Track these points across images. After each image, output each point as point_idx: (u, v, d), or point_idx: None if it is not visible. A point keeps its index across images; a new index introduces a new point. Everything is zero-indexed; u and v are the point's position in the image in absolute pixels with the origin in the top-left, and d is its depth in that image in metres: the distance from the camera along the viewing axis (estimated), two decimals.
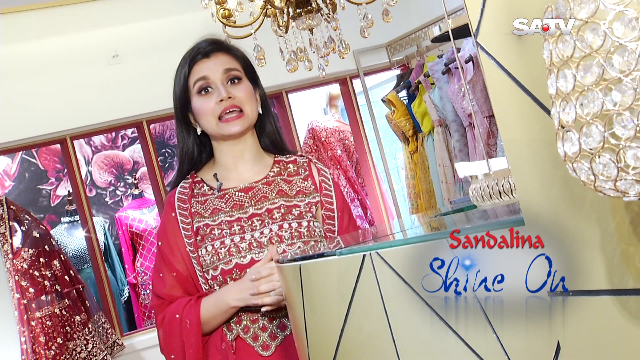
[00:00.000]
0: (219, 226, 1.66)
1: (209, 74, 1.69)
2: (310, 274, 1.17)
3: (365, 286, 1.05)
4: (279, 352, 1.62)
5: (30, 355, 3.40)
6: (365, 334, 1.07)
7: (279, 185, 1.72)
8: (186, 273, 1.66)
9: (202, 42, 1.74)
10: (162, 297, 1.68)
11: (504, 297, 0.94)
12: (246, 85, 1.72)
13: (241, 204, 1.69)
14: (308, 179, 1.75)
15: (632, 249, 0.68)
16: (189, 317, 1.61)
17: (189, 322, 1.61)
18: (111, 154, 5.49)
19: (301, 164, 1.78)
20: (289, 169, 1.76)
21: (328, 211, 1.72)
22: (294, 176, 1.75)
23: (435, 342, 0.98)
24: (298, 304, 1.21)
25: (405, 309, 1.00)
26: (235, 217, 1.67)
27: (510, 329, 0.93)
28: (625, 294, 0.69)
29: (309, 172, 1.76)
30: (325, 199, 1.73)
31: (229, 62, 1.72)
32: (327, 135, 4.71)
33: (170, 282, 1.67)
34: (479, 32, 0.82)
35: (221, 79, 1.69)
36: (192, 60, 1.71)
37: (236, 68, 1.72)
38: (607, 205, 0.69)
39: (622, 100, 0.56)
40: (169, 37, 3.90)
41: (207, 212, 1.69)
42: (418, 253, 1.01)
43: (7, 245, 3.49)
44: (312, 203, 1.71)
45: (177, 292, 1.67)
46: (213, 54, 1.72)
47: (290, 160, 1.78)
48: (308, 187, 1.74)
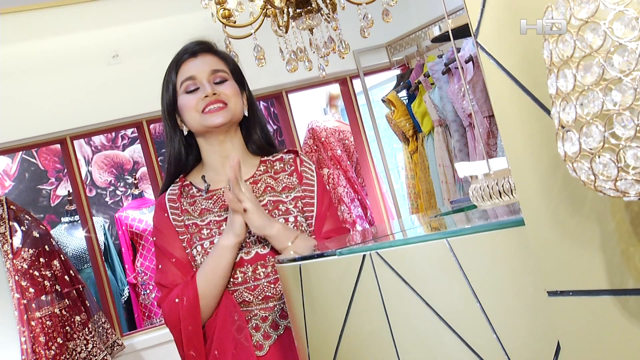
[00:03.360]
0: (207, 226, 1.67)
1: (196, 73, 1.70)
2: (310, 274, 1.17)
3: (365, 286, 1.05)
4: (273, 352, 1.62)
5: (30, 355, 3.40)
6: (365, 334, 1.07)
7: (265, 182, 1.73)
8: (185, 259, 1.66)
9: (189, 44, 1.75)
10: (166, 285, 1.67)
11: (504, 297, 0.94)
12: (232, 84, 1.72)
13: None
14: (293, 173, 1.76)
15: (632, 249, 0.68)
16: (186, 294, 1.60)
17: (186, 298, 1.60)
18: (111, 154, 5.49)
19: (287, 160, 1.78)
20: (275, 167, 1.77)
21: (308, 198, 1.72)
22: (280, 173, 1.76)
23: (435, 342, 0.98)
24: (298, 304, 1.21)
25: (405, 309, 1.00)
26: (223, 217, 1.68)
27: (510, 329, 0.94)
28: (625, 294, 0.69)
29: (295, 167, 1.77)
30: (306, 187, 1.73)
31: (216, 63, 1.73)
32: (327, 135, 4.71)
33: (171, 270, 1.67)
34: (479, 32, 0.82)
35: (208, 78, 1.70)
36: (179, 60, 1.72)
37: (223, 69, 1.73)
38: (607, 205, 0.69)
39: (622, 100, 0.56)
40: (169, 37, 3.89)
41: (196, 213, 1.70)
42: (418, 253, 1.01)
43: (7, 245, 3.49)
44: (297, 198, 1.72)
45: (180, 279, 1.66)
46: (200, 54, 1.73)
47: (276, 158, 1.79)
48: (293, 181, 1.74)
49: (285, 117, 4.43)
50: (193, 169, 1.79)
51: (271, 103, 4.71)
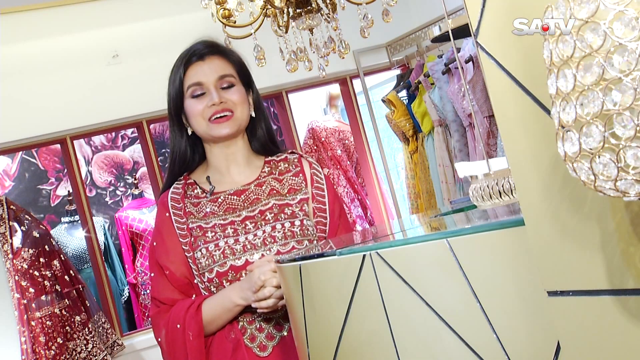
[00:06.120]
0: (212, 229, 1.66)
1: (203, 79, 1.69)
2: (310, 274, 1.17)
3: (365, 286, 1.05)
4: (276, 353, 1.62)
5: (30, 355, 3.40)
6: (365, 334, 1.07)
7: (270, 184, 1.73)
8: (179, 273, 1.65)
9: (198, 44, 1.73)
10: (162, 301, 1.67)
11: (504, 297, 0.94)
12: (239, 90, 1.72)
13: (234, 208, 1.69)
14: (299, 174, 1.75)
15: (632, 249, 0.68)
16: (191, 329, 1.60)
17: (192, 334, 1.60)
18: (111, 154, 5.49)
19: (292, 160, 1.78)
20: (279, 168, 1.76)
21: (319, 204, 1.72)
22: (285, 174, 1.75)
23: (435, 342, 0.98)
24: (298, 304, 1.21)
25: (405, 309, 1.00)
26: (228, 221, 1.67)
27: (510, 329, 0.94)
28: (625, 294, 0.69)
29: (300, 167, 1.77)
30: (317, 192, 1.73)
31: (224, 67, 1.72)
32: (327, 135, 4.71)
33: (164, 283, 1.67)
34: (479, 32, 0.82)
35: (215, 84, 1.69)
36: (187, 62, 1.71)
37: (231, 74, 1.72)
38: (607, 205, 0.69)
39: (622, 100, 0.56)
40: (169, 37, 3.90)
41: (200, 215, 1.69)
42: (418, 253, 1.01)
43: (7, 245, 3.49)
44: (303, 200, 1.72)
45: (174, 294, 1.66)
46: (208, 57, 1.71)
47: (280, 158, 1.78)
48: (299, 182, 1.74)
49: (285, 117, 4.43)
50: (197, 167, 1.78)
51: (271, 103, 4.70)
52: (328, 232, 1.71)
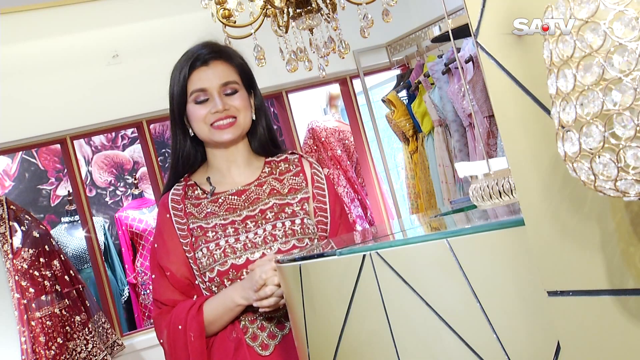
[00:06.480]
0: (212, 229, 1.67)
1: (207, 85, 1.68)
2: (310, 274, 1.17)
3: (365, 286, 1.05)
4: (278, 351, 1.63)
5: (30, 355, 3.40)
6: (365, 334, 1.07)
7: (270, 184, 1.73)
8: (180, 274, 1.66)
9: (202, 48, 1.72)
10: (163, 302, 1.68)
11: (504, 297, 0.94)
12: (242, 95, 1.72)
13: (235, 208, 1.70)
14: (299, 174, 1.76)
15: (632, 249, 0.68)
16: (193, 330, 1.61)
17: (193, 335, 1.61)
18: (111, 154, 5.49)
19: (292, 160, 1.78)
20: (280, 168, 1.77)
21: (320, 203, 1.72)
22: (285, 174, 1.76)
23: (435, 342, 0.98)
24: (298, 304, 1.21)
25: (405, 309, 1.00)
26: (229, 220, 1.68)
27: (510, 329, 0.94)
28: (625, 294, 0.69)
29: (301, 167, 1.77)
30: (318, 191, 1.74)
31: (228, 73, 1.71)
32: (327, 135, 4.71)
33: (165, 284, 1.67)
34: (479, 32, 0.82)
35: (218, 90, 1.69)
36: (191, 67, 1.70)
37: (234, 80, 1.71)
38: (607, 205, 0.69)
39: (622, 100, 0.56)
40: (169, 37, 3.90)
41: (201, 215, 1.70)
42: (418, 253, 1.01)
43: (7, 245, 3.49)
44: (304, 199, 1.72)
45: (175, 295, 1.67)
46: (212, 62, 1.70)
47: (281, 159, 1.79)
48: (299, 182, 1.74)
49: (285, 117, 4.43)
50: (198, 168, 1.79)
51: (271, 103, 4.70)
52: (329, 232, 1.72)
